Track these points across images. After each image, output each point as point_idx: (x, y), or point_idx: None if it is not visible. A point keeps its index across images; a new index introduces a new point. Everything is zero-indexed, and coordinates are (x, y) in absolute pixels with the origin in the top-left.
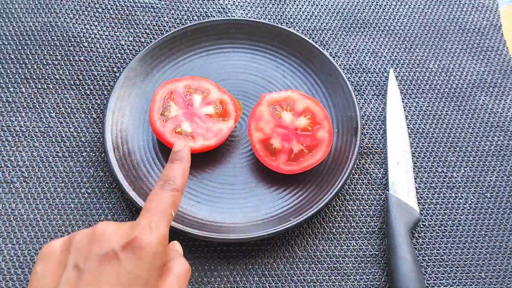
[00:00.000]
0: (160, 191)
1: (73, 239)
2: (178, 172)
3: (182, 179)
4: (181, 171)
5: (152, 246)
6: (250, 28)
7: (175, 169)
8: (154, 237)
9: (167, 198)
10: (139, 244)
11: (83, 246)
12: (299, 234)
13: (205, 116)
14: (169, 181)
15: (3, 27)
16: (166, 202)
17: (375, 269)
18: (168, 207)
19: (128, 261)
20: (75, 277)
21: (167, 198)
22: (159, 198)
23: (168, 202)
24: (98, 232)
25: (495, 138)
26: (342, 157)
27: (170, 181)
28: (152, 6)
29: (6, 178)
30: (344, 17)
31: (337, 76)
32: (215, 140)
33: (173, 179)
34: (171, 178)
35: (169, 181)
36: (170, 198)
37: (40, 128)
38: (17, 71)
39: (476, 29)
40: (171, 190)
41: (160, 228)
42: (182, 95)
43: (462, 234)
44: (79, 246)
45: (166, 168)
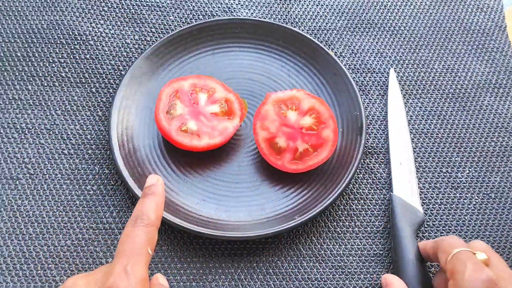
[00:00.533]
0: (132, 229)
1: None
2: (151, 207)
3: (156, 213)
4: (154, 205)
5: None
6: (255, 28)
7: (148, 204)
8: (132, 282)
9: (141, 236)
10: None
11: None
12: (303, 232)
13: (211, 114)
14: (142, 217)
15: (10, 25)
16: (140, 241)
17: (379, 268)
18: (143, 246)
19: None
20: None
21: (141, 236)
22: (132, 237)
23: (142, 240)
24: None
25: (500, 139)
26: (347, 156)
27: (143, 216)
28: (158, 5)
29: (12, 174)
30: (349, 17)
31: (342, 75)
32: (220, 139)
33: (146, 214)
34: (144, 214)
35: (142, 217)
36: (145, 235)
37: (46, 126)
38: (23, 68)
39: (480, 30)
40: (145, 226)
41: (137, 271)
42: (187, 94)
43: (467, 234)
44: None
45: (138, 204)
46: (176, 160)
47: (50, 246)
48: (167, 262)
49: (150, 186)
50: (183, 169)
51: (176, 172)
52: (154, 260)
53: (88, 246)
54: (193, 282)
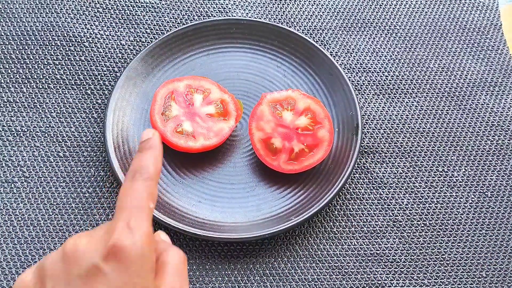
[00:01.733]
0: (131, 183)
1: (44, 266)
2: (150, 160)
3: (155, 167)
4: (153, 159)
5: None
6: (250, 28)
7: (146, 157)
8: (136, 237)
9: (141, 190)
10: (121, 249)
11: (58, 271)
12: (300, 233)
13: (206, 115)
14: (141, 171)
15: (4, 27)
16: (141, 196)
17: (376, 268)
18: (145, 199)
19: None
20: None
21: (142, 190)
22: (132, 191)
23: (143, 194)
24: (70, 250)
25: (496, 137)
26: (342, 156)
27: (142, 170)
28: (153, 6)
29: (7, 177)
30: (345, 17)
31: (338, 75)
32: (216, 140)
33: (145, 168)
34: (143, 168)
35: (141, 171)
36: (145, 189)
37: (41, 128)
38: (18, 71)
39: (476, 28)
40: (144, 180)
41: (141, 226)
42: (183, 95)
43: (463, 233)
44: (54, 272)
45: (134, 158)
46: (172, 161)
47: (46, 249)
48: None
49: (147, 140)
50: (179, 170)
51: (172, 173)
52: None
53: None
54: (190, 284)
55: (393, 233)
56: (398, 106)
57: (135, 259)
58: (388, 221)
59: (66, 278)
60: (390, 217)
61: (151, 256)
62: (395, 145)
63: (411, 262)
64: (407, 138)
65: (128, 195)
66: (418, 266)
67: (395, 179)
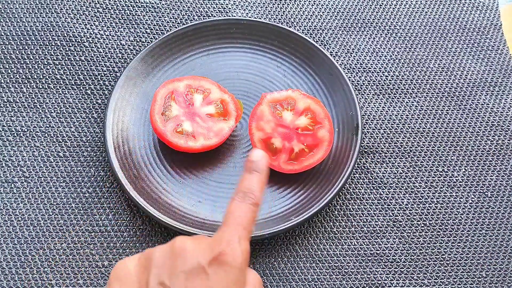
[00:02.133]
0: (241, 204)
1: (152, 256)
2: (258, 185)
3: (261, 193)
4: (260, 184)
5: (239, 261)
6: (250, 28)
7: (254, 181)
8: (239, 252)
9: (249, 212)
10: (227, 259)
11: (165, 263)
12: (300, 233)
13: (206, 115)
14: (250, 194)
15: (4, 27)
16: (248, 217)
17: (376, 268)
18: (250, 222)
19: (217, 276)
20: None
21: (249, 213)
22: (241, 211)
23: (249, 217)
24: (179, 249)
25: (496, 137)
26: (342, 156)
27: (251, 194)
28: (153, 6)
29: (7, 177)
30: (345, 17)
31: (338, 75)
32: (216, 140)
33: (254, 192)
34: (252, 191)
35: (250, 194)
36: (252, 213)
37: (41, 128)
38: (18, 71)
39: (476, 28)
40: (252, 204)
41: (244, 243)
42: (183, 95)
43: (463, 233)
44: (161, 263)
45: (244, 178)
46: (172, 161)
47: (45, 249)
48: None
49: (256, 162)
50: (179, 170)
51: (172, 173)
52: None
53: (84, 249)
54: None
55: (393, 233)
56: (398, 106)
57: (235, 270)
58: (388, 221)
59: (170, 271)
60: (390, 217)
61: (245, 271)
62: (395, 145)
63: (411, 262)
64: (407, 138)
65: (237, 214)
66: (418, 266)
67: (395, 179)
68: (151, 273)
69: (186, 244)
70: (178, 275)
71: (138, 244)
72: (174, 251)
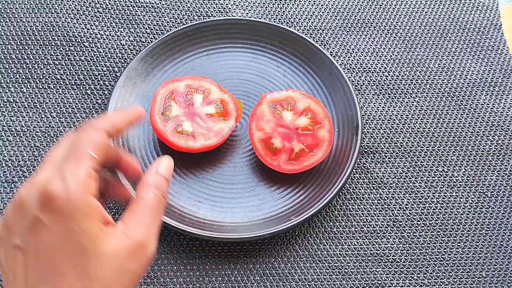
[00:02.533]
0: (76, 133)
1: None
2: (106, 117)
3: (109, 119)
4: (112, 115)
5: (69, 195)
6: (250, 28)
7: (104, 116)
8: (68, 184)
9: (82, 137)
10: (53, 198)
11: (14, 224)
12: (300, 233)
13: (206, 115)
14: (92, 124)
15: (4, 27)
16: (80, 142)
17: (376, 268)
18: (83, 146)
19: (53, 222)
20: (21, 257)
21: (82, 138)
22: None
23: (83, 141)
24: (18, 202)
25: (496, 137)
26: (342, 156)
27: (92, 122)
28: (153, 6)
29: (7, 178)
30: (345, 17)
31: (338, 75)
32: (216, 140)
33: (97, 122)
34: (95, 122)
35: (92, 124)
36: (87, 136)
37: (41, 128)
38: (18, 71)
39: (476, 28)
40: (89, 129)
41: (74, 174)
42: (183, 95)
43: (463, 233)
44: (12, 224)
45: None
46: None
47: None
48: (163, 264)
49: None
50: (179, 170)
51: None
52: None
53: None
54: (190, 284)
55: (393, 233)
56: (398, 106)
57: (67, 207)
58: (388, 221)
59: (19, 232)
60: (390, 217)
61: (86, 203)
62: (395, 145)
63: (411, 262)
64: (407, 138)
65: (66, 145)
66: (418, 266)
67: (395, 179)
68: (7, 238)
69: (21, 194)
70: (25, 235)
71: None
72: (16, 208)
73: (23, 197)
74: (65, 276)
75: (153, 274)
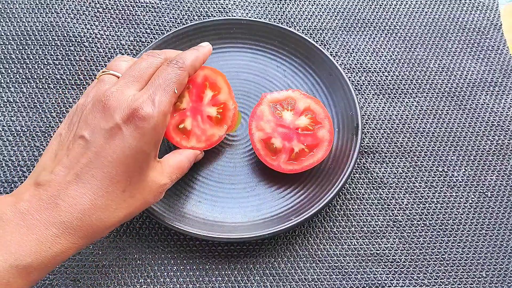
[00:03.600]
0: (166, 67)
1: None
2: (190, 55)
3: (192, 61)
4: (194, 55)
5: (153, 119)
6: (250, 28)
7: (188, 53)
8: (155, 111)
9: (171, 74)
10: (140, 117)
11: (90, 118)
12: (300, 233)
13: (207, 117)
14: (178, 59)
15: (4, 27)
16: (170, 79)
17: (376, 268)
18: (172, 83)
19: (131, 135)
20: (82, 146)
21: (172, 75)
22: (164, 74)
23: (172, 78)
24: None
25: (496, 137)
26: (343, 156)
27: (179, 59)
28: (153, 6)
29: (7, 178)
30: (345, 17)
31: (338, 75)
32: (204, 145)
33: (182, 59)
34: (181, 58)
35: (178, 59)
36: (175, 75)
37: (41, 128)
38: (18, 71)
39: (476, 28)
40: (177, 67)
41: (161, 104)
42: (197, 87)
43: (463, 233)
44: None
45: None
46: None
47: None
48: (163, 264)
49: (199, 45)
50: None
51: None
52: (150, 262)
53: (84, 249)
54: (190, 284)
55: (393, 233)
56: (398, 106)
57: (148, 130)
58: (388, 221)
59: (93, 127)
60: (390, 217)
61: (161, 132)
62: (395, 145)
63: (411, 262)
64: (407, 138)
65: (159, 76)
66: (418, 266)
67: (395, 179)
68: (78, 125)
69: (109, 99)
70: (99, 133)
71: (139, 244)
72: (101, 109)
73: (111, 103)
74: (117, 183)
75: (153, 274)
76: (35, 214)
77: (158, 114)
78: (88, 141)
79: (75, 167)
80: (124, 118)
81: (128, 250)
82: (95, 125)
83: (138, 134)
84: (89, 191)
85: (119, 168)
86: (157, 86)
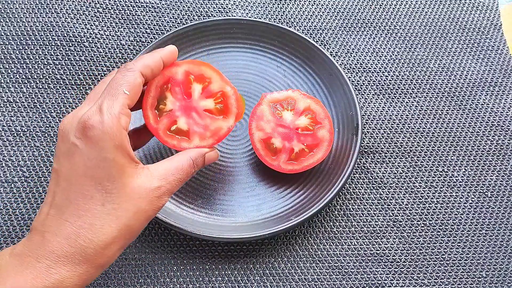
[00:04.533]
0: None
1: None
2: (141, 58)
3: (143, 60)
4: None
5: (102, 124)
6: (250, 28)
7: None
8: (104, 117)
9: (118, 78)
10: (89, 127)
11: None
12: (300, 233)
13: (204, 111)
14: (127, 63)
15: (4, 27)
16: (117, 82)
17: (376, 268)
18: (119, 86)
19: (86, 147)
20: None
21: (118, 78)
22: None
23: (119, 81)
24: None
25: (496, 137)
26: (342, 156)
27: (128, 63)
28: (153, 6)
29: (7, 177)
30: (345, 17)
31: (338, 75)
32: (211, 141)
33: (132, 62)
34: (131, 61)
35: (127, 63)
36: (122, 77)
37: (41, 128)
38: (18, 71)
39: (476, 28)
40: (125, 70)
41: (110, 108)
42: (180, 84)
43: (463, 233)
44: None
45: None
46: None
47: None
48: (163, 264)
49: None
50: None
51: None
52: (150, 262)
53: None
54: (190, 284)
55: (393, 233)
56: (398, 106)
57: (101, 136)
58: (388, 221)
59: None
60: (390, 217)
61: (119, 135)
62: (395, 145)
63: (411, 262)
64: (407, 138)
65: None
66: (418, 266)
67: (395, 179)
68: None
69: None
70: (62, 158)
71: (139, 244)
72: (58, 135)
73: (65, 126)
74: (91, 199)
75: (153, 274)
76: (27, 253)
77: (108, 118)
78: (57, 170)
79: (54, 199)
80: (77, 135)
81: (128, 250)
82: (58, 153)
83: (92, 143)
84: (69, 216)
85: (86, 182)
86: (105, 95)
